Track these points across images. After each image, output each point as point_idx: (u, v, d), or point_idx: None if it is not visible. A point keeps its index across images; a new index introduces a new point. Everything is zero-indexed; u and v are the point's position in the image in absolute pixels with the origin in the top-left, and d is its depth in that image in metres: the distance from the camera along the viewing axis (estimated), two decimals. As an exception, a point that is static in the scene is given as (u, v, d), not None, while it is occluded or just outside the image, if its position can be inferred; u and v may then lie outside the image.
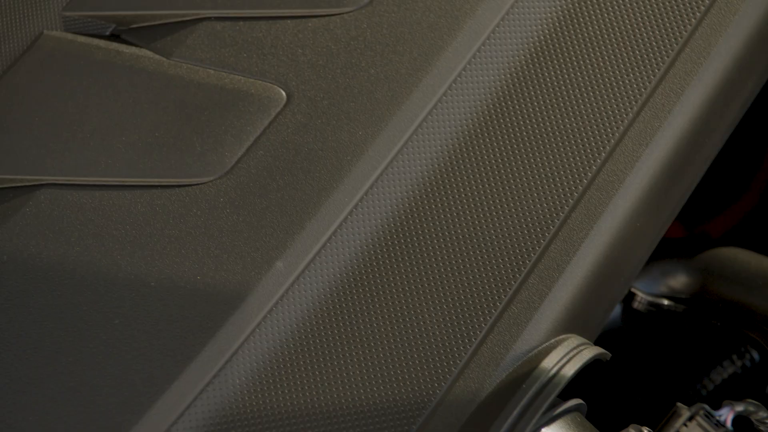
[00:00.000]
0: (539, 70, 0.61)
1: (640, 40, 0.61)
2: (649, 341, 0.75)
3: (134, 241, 0.59)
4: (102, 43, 0.64)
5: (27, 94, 0.63)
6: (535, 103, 0.60)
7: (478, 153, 0.60)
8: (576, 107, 0.60)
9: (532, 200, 0.59)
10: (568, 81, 0.61)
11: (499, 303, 0.57)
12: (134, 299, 0.58)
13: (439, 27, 0.62)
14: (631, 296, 0.72)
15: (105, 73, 0.63)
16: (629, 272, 0.61)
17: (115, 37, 0.66)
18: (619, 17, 0.61)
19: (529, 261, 0.57)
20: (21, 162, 0.62)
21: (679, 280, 0.72)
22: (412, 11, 0.63)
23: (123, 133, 0.62)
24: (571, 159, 0.59)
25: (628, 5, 0.62)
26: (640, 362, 0.76)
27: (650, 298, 0.72)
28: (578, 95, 0.60)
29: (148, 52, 0.64)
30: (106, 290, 0.58)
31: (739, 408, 0.60)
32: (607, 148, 0.59)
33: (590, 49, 0.61)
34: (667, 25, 0.61)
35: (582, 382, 0.58)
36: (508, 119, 0.60)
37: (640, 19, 0.61)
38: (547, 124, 0.60)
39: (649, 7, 0.62)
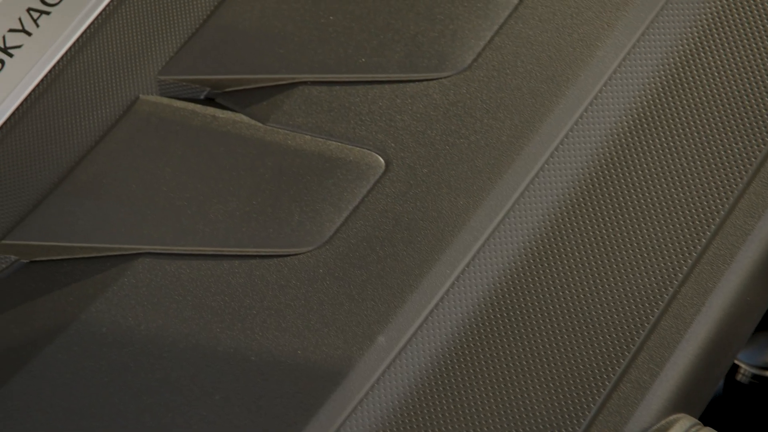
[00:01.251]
0: (644, 137, 0.58)
1: (749, 106, 0.58)
2: (753, 414, 0.72)
3: (233, 312, 0.57)
4: (198, 107, 0.63)
5: (123, 160, 0.61)
6: (641, 172, 0.58)
7: (581, 223, 0.57)
8: (683, 176, 0.57)
9: (640, 274, 0.56)
10: (674, 149, 0.58)
11: (608, 382, 0.54)
12: (234, 374, 0.56)
13: (541, 93, 0.60)
14: (734, 368, 0.69)
15: (201, 139, 0.61)
16: (737, 346, 0.59)
17: (210, 100, 0.64)
18: (728, 81, 0.59)
19: (638, 338, 0.55)
20: (118, 230, 0.60)
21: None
22: (512, 76, 0.60)
23: (220, 200, 0.60)
24: (679, 231, 0.56)
25: (737, 68, 0.59)
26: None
27: (754, 370, 0.69)
28: (685, 164, 0.57)
29: (244, 117, 0.62)
30: (206, 364, 0.56)
31: None
32: (717, 220, 0.56)
33: (697, 116, 0.58)
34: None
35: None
36: (612, 188, 0.57)
37: (749, 83, 0.59)
38: (654, 193, 0.57)
39: (758, 70, 0.59)
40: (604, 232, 0.56)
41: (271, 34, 0.63)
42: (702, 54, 0.59)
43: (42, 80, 0.63)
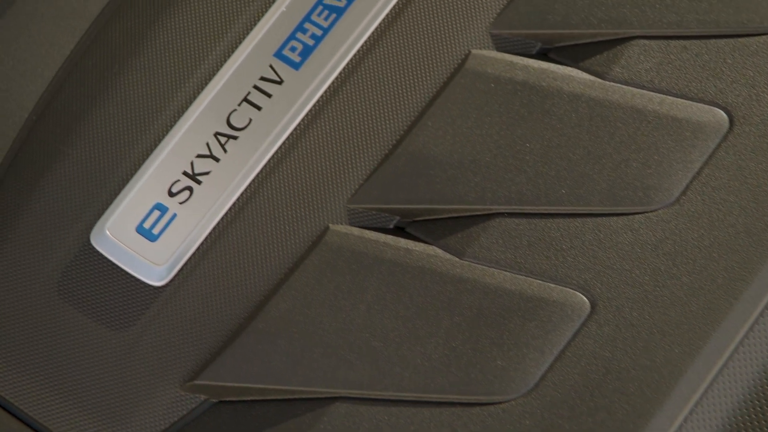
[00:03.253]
0: None
1: None
2: None
3: (435, 465, 0.53)
4: (390, 239, 0.58)
5: (315, 296, 0.57)
6: None
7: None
8: None
9: None
10: None
11: None
12: None
13: (757, 231, 0.54)
14: None
15: (395, 274, 0.57)
16: None
17: (400, 230, 0.60)
18: None
19: None
20: (312, 372, 0.56)
21: None
22: (726, 213, 0.55)
23: (417, 342, 0.56)
24: None
25: None
26: None
27: None
28: None
29: (438, 251, 0.58)
30: None
31: None
32: None
33: None
34: None
35: None
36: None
37: None
38: None
39: None
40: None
41: (465, 162, 0.58)
42: None
43: (230, 209, 0.59)
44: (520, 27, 0.60)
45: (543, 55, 0.61)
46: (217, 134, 0.60)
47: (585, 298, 0.54)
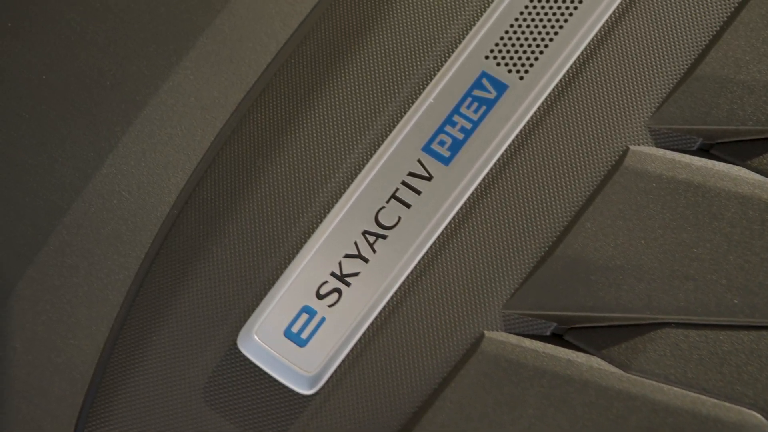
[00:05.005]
0: None
1: None
2: None
3: None
4: (549, 348, 0.54)
5: (472, 409, 0.52)
6: None
7: None
8: None
9: None
10: None
11: None
12: None
13: None
14: None
15: (557, 388, 0.53)
16: None
17: (556, 337, 0.55)
18: None
19: None
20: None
21: None
22: None
23: (584, 462, 0.52)
24: None
25: None
26: None
27: None
28: None
29: (602, 362, 0.53)
30: None
31: None
32: None
33: None
34: None
35: None
36: None
37: None
38: None
39: None
40: None
41: (627, 267, 0.54)
42: None
43: (380, 313, 0.56)
44: (680, 122, 0.56)
45: (704, 152, 0.56)
46: (365, 233, 0.56)
47: (765, 420, 0.50)
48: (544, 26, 0.58)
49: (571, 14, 0.58)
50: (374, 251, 0.56)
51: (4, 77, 0.60)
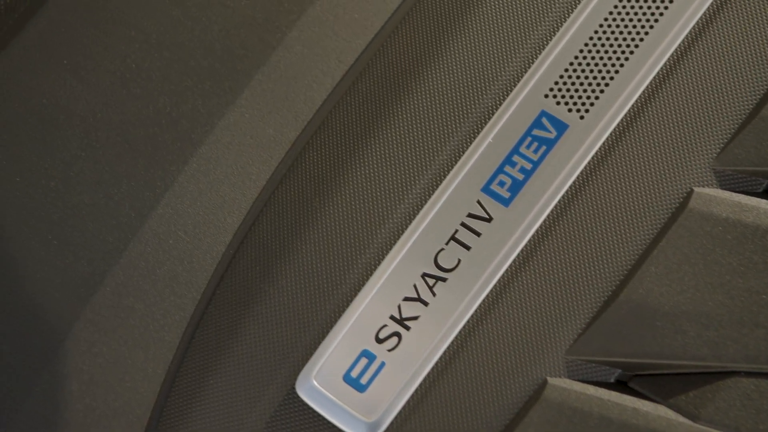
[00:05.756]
0: None
1: None
2: None
3: None
4: (613, 396, 0.52)
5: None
6: None
7: None
8: None
9: None
10: None
11: None
12: None
13: None
14: None
15: (623, 437, 0.52)
16: None
17: (622, 384, 0.54)
18: None
19: None
20: None
21: None
22: None
23: None
24: None
25: None
26: None
27: None
28: None
29: (669, 412, 0.52)
30: None
31: None
32: None
33: None
34: None
35: None
36: None
37: None
38: None
39: None
40: None
41: (694, 314, 0.52)
42: None
43: (441, 358, 0.54)
44: (746, 163, 0.54)
45: None
46: (424, 275, 0.55)
47: (837, 474, 0.48)
48: (605, 64, 0.56)
49: (632, 52, 0.56)
50: (434, 294, 0.54)
51: (61, 115, 0.59)
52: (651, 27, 0.56)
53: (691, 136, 0.55)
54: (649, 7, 0.57)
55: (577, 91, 0.56)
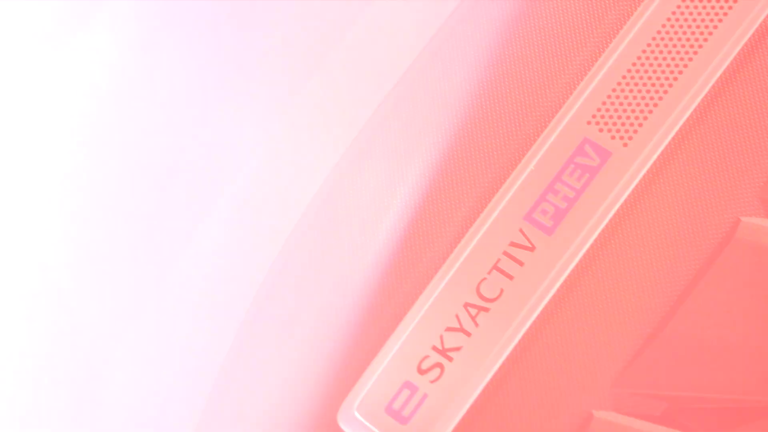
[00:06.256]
0: None
1: None
2: None
3: None
4: (660, 429, 0.52)
5: None
6: None
7: None
8: None
9: None
10: None
11: None
12: None
13: None
14: None
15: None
16: None
17: (668, 418, 0.53)
18: None
19: None
20: None
21: None
22: None
23: None
24: None
25: None
26: None
27: None
28: None
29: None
30: None
31: None
32: None
33: None
34: None
35: None
36: None
37: None
38: None
39: None
40: None
41: (742, 347, 0.51)
42: None
43: (482, 391, 0.53)
44: None
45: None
46: (467, 305, 0.54)
47: None
48: (648, 90, 0.55)
49: (675, 78, 0.55)
50: (476, 324, 0.53)
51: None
52: (695, 53, 0.55)
53: (738, 163, 0.54)
54: (693, 33, 0.56)
55: (620, 118, 0.55)
